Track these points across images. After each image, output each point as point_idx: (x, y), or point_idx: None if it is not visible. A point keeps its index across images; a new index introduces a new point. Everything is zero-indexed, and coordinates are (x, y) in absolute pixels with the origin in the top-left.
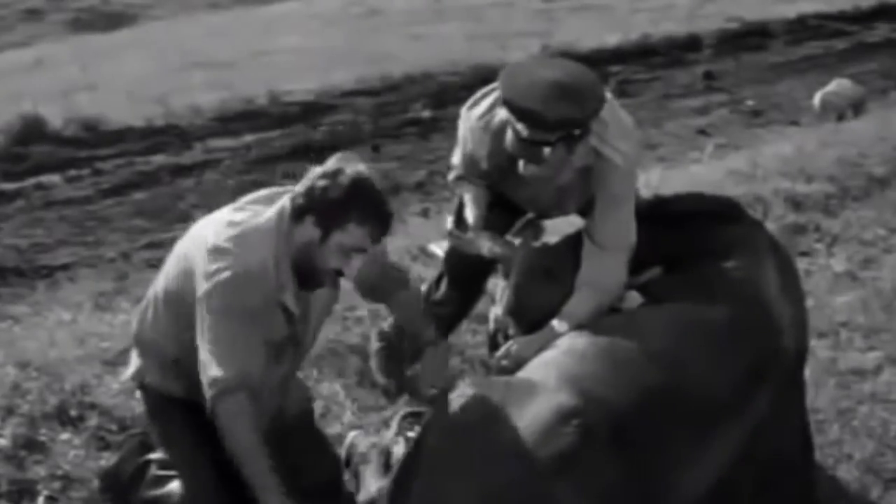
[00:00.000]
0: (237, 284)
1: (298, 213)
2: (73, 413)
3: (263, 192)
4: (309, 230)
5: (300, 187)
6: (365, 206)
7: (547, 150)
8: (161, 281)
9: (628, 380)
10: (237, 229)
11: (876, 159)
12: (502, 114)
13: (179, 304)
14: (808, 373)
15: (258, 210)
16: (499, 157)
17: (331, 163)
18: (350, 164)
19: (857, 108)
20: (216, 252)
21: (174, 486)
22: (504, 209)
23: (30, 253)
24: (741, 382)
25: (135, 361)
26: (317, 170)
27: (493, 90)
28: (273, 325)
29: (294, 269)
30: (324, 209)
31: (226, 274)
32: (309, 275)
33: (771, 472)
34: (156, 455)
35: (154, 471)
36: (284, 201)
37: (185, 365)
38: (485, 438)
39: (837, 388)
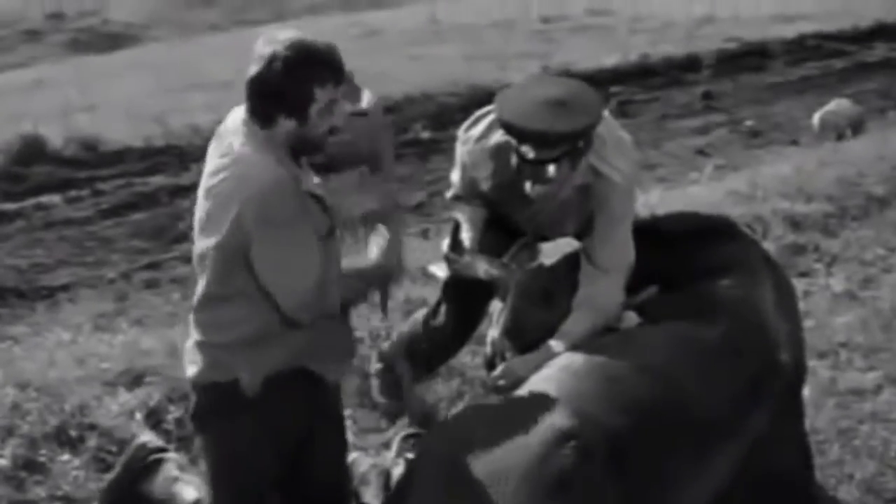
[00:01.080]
0: (269, 202)
1: (265, 119)
2: (73, 434)
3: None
4: (285, 124)
5: (248, 98)
6: (315, 67)
7: (552, 169)
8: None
9: (626, 399)
10: (226, 173)
11: (875, 179)
12: (499, 135)
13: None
14: (808, 393)
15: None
16: (498, 178)
17: (258, 56)
18: (271, 45)
19: (856, 127)
20: (227, 195)
21: (188, 493)
22: (500, 231)
23: (30, 273)
24: (739, 400)
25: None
26: (252, 69)
27: (489, 112)
28: (314, 219)
29: (293, 156)
30: (285, 101)
31: (253, 202)
32: (310, 150)
33: (770, 490)
34: (174, 455)
35: (171, 470)
36: (243, 122)
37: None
38: (482, 459)
39: (837, 408)
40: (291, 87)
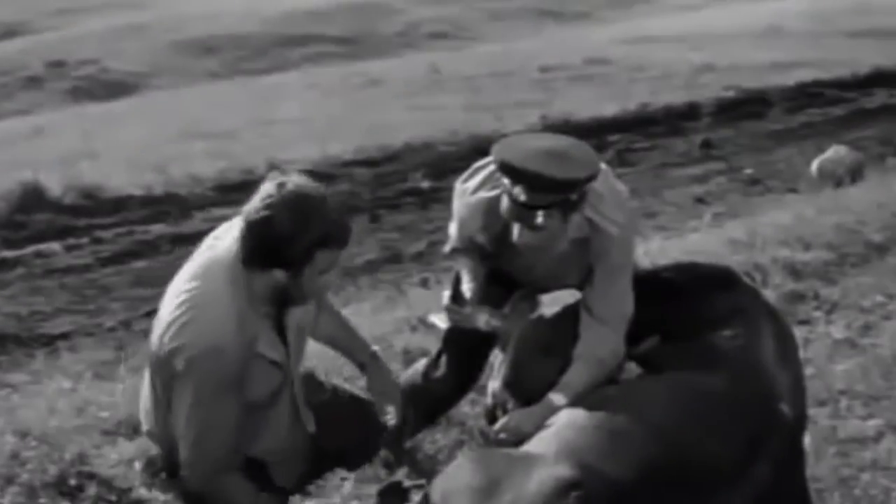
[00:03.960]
0: (203, 363)
1: (257, 264)
2: (73, 483)
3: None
4: (275, 276)
5: (243, 232)
6: (320, 230)
7: (541, 216)
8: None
9: (627, 451)
10: (188, 304)
11: (874, 226)
12: (496, 187)
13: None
14: (808, 441)
15: (208, 266)
16: (493, 230)
17: (262, 193)
18: (280, 190)
19: (855, 174)
20: (176, 331)
21: None
22: (501, 282)
23: (29, 321)
24: (741, 452)
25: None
26: (251, 208)
27: (487, 164)
28: (257, 379)
29: (272, 303)
30: (283, 256)
31: (190, 353)
32: (292, 303)
33: None
34: None
35: None
36: (230, 254)
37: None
38: None
39: (838, 457)
40: (292, 242)
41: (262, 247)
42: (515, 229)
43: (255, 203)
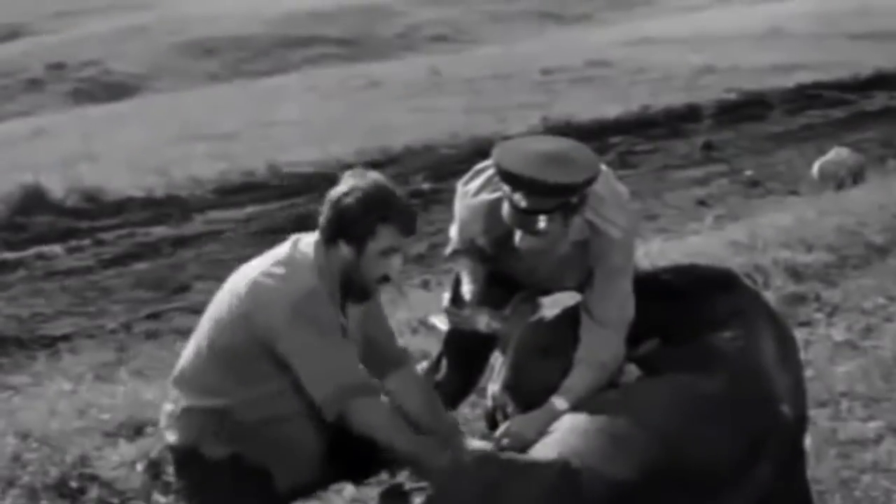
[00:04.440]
0: (310, 300)
1: (329, 239)
2: (74, 485)
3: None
4: (343, 251)
5: (322, 215)
6: (386, 207)
7: (542, 221)
8: (202, 341)
9: (628, 455)
10: (286, 265)
11: (875, 227)
12: (496, 190)
13: (231, 356)
14: (808, 443)
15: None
16: (495, 233)
17: (344, 181)
18: (359, 178)
19: (856, 176)
20: (277, 285)
21: None
22: (501, 284)
23: (30, 323)
24: (742, 454)
25: (176, 433)
26: (333, 192)
27: (488, 166)
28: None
29: (341, 288)
30: (350, 227)
31: (300, 300)
32: (357, 289)
33: None
34: None
35: None
36: (312, 237)
37: (237, 417)
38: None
39: (838, 459)
40: (358, 215)
41: (333, 217)
42: (517, 235)
43: (336, 186)
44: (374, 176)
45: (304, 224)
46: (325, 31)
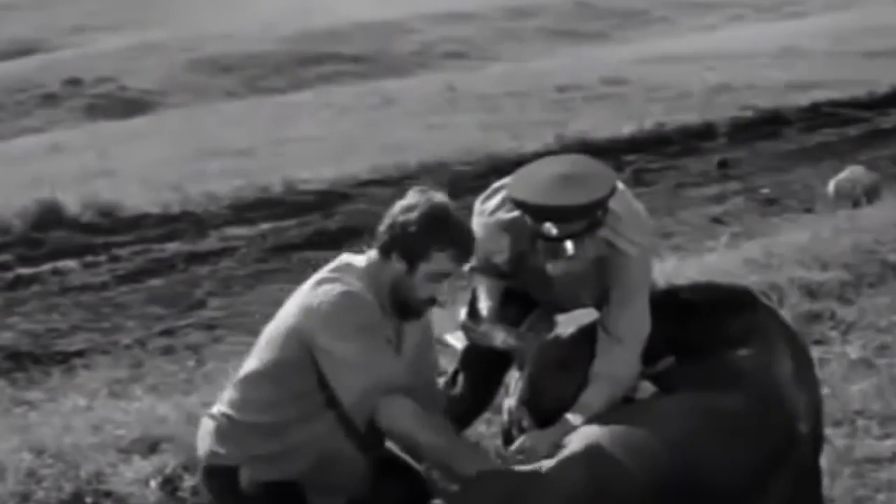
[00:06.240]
0: (353, 303)
1: (384, 250)
2: (89, 501)
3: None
4: (396, 265)
5: (382, 226)
6: (444, 233)
7: (570, 245)
8: (253, 358)
9: (644, 471)
10: (335, 273)
11: (891, 246)
12: (514, 209)
13: (283, 370)
14: (823, 462)
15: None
16: (512, 252)
17: (408, 197)
18: (424, 196)
19: (872, 194)
20: (322, 288)
21: None
22: (518, 301)
23: (45, 338)
24: (757, 472)
25: (216, 445)
26: (396, 206)
27: (505, 185)
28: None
29: (391, 303)
30: (406, 243)
31: (339, 297)
32: (405, 307)
33: None
34: None
35: None
36: (363, 256)
37: (283, 436)
38: None
39: (853, 477)
40: (415, 234)
41: (391, 230)
42: (549, 266)
43: (400, 200)
44: (438, 198)
45: (319, 241)
46: (341, 48)
